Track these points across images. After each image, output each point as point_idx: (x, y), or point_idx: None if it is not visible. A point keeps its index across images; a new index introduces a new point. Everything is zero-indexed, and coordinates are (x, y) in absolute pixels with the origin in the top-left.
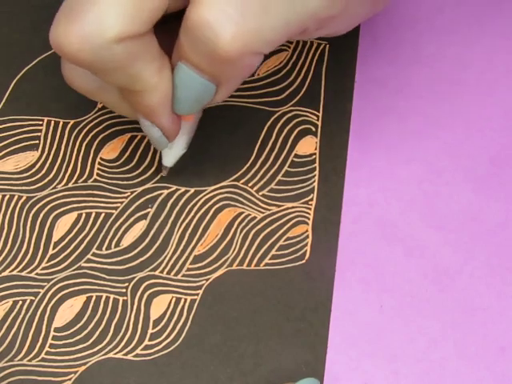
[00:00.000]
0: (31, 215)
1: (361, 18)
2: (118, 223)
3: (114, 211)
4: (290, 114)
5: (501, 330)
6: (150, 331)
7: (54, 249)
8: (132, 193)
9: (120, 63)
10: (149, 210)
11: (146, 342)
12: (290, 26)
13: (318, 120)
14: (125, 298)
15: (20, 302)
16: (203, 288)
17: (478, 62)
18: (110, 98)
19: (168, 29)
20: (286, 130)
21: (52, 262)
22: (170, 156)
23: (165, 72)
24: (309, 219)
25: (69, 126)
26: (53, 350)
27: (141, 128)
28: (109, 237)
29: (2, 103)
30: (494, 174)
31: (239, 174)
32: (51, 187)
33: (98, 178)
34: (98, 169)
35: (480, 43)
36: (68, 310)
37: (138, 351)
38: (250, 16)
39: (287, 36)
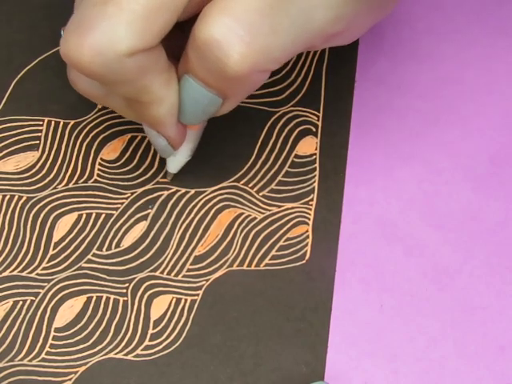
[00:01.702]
0: (31, 215)
1: (365, 30)
2: (119, 224)
3: (114, 212)
4: (290, 115)
5: (500, 329)
6: (151, 331)
7: (54, 249)
8: (132, 194)
9: (130, 76)
10: (149, 210)
11: (147, 343)
12: (297, 44)
13: (318, 120)
14: (125, 298)
15: (20, 303)
16: (203, 288)
17: (477, 60)
18: (116, 104)
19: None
20: (286, 131)
21: (52, 263)
22: (175, 163)
23: (172, 84)
24: (309, 219)
25: (69, 126)
26: (53, 350)
27: (142, 129)
28: (109, 237)
29: (2, 103)
30: (493, 173)
31: (239, 174)
32: (51, 187)
33: (99, 179)
34: (99, 169)
35: (479, 42)
36: (68, 311)
37: (138, 351)
38: (259, 35)
39: (295, 53)
